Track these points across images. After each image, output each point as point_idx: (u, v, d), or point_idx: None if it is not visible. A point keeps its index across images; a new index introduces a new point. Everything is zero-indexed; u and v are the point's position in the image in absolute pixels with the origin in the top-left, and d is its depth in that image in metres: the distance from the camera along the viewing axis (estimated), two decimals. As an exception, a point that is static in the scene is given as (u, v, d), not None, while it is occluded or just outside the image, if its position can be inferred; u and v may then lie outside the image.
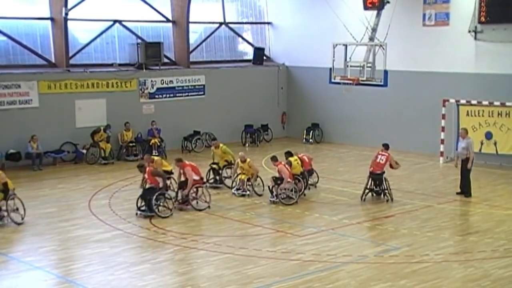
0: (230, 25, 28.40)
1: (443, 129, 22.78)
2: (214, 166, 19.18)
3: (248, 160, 18.07)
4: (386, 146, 17.86)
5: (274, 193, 17.11)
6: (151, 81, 24.86)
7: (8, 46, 22.71)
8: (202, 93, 26.31)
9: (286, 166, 17.20)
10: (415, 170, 21.72)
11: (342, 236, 14.47)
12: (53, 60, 23.36)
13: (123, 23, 25.13)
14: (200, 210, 16.34)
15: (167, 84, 25.32)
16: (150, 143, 23.65)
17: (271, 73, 28.35)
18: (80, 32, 24.42)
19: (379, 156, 17.52)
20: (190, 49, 26.45)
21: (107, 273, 12.06)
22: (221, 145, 19.37)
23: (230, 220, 15.73)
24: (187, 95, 25.92)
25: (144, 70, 24.58)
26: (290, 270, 12.28)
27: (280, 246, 13.68)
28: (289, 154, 18.05)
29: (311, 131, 27.24)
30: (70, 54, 23.35)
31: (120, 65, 24.54)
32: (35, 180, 20.09)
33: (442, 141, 22.82)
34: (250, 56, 28.75)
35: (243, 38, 29.10)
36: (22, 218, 15.17)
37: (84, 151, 22.61)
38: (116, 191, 18.37)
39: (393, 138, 24.89)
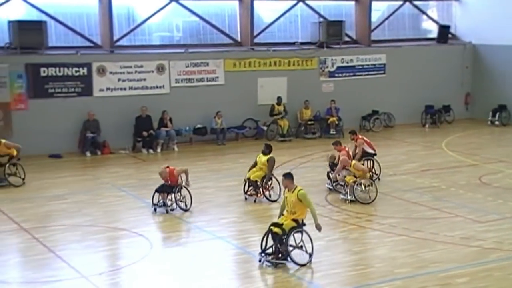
0: (415, 2, 27.62)
1: None
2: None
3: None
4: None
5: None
6: (332, 59, 24.94)
7: (199, 27, 23.96)
8: (382, 72, 25.93)
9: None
10: None
11: (527, 225, 13.69)
12: (239, 39, 24.28)
13: (307, 2, 25.41)
14: None
15: (347, 63, 25.26)
16: (328, 122, 23.85)
17: (455, 52, 27.20)
18: (265, 11, 25.15)
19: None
20: (372, 28, 26.16)
21: (283, 247, 12.40)
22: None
23: (406, 202, 15.47)
24: (367, 74, 25.69)
25: (325, 48, 24.73)
26: (468, 256, 11.86)
27: (458, 231, 13.23)
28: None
29: (497, 113, 25.80)
30: (255, 33, 24.14)
31: (301, 43, 24.92)
32: (218, 154, 21.13)
33: None
34: (434, 34, 27.80)
35: (427, 16, 28.18)
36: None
37: (265, 127, 23.32)
38: (293, 168, 18.77)
39: None
